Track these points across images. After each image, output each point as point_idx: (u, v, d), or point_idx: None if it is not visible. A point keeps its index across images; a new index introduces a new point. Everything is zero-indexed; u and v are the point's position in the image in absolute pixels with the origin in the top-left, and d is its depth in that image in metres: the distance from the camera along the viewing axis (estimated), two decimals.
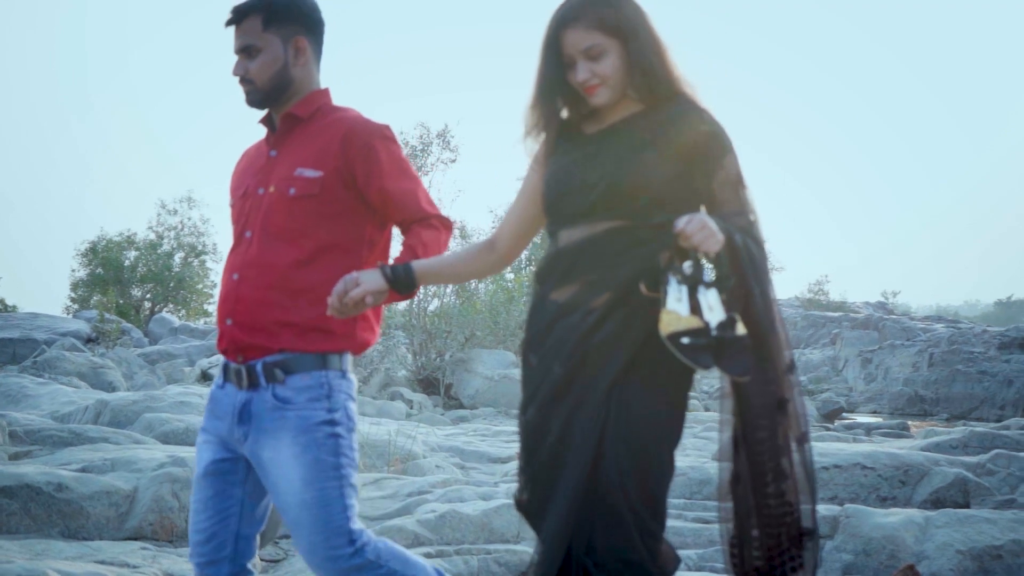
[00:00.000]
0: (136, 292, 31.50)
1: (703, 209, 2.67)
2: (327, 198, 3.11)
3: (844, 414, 22.48)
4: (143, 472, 6.61)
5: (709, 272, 2.48)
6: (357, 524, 3.08)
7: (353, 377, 3.22)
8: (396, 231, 3.30)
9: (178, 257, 32.19)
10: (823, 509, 6.71)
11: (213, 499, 3.19)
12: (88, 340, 23.59)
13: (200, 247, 32.39)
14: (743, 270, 2.57)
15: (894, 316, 37.32)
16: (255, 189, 3.20)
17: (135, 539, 6.17)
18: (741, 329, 2.49)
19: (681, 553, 6.11)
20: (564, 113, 2.85)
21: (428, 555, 5.77)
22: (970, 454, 8.71)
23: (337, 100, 3.34)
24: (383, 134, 3.18)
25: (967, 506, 7.23)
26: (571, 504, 2.58)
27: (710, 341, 2.45)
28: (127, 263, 31.55)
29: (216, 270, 33.10)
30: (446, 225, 3.21)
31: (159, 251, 31.86)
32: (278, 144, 3.22)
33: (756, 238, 2.65)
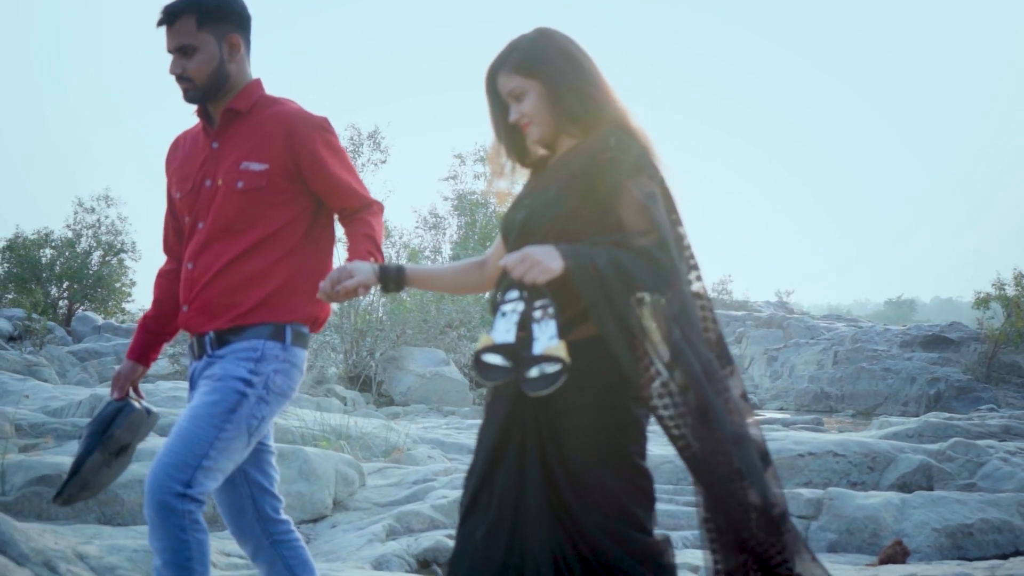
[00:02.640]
0: (54, 290, 31.03)
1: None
2: (273, 189, 3.30)
3: (755, 411, 22.95)
4: None
5: (538, 303, 2.58)
6: (203, 484, 3.13)
7: (300, 351, 3.38)
8: None
9: (96, 255, 31.79)
10: (806, 492, 7.22)
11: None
12: (10, 338, 23.23)
13: (118, 245, 31.98)
14: (609, 293, 2.58)
15: (796, 315, 37.77)
16: (202, 182, 3.37)
17: None
18: (559, 352, 2.53)
19: (676, 535, 6.59)
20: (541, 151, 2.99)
21: (450, 536, 6.14)
22: (925, 442, 9.32)
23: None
24: (323, 127, 3.38)
25: (931, 490, 7.81)
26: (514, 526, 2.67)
27: (508, 361, 2.56)
28: (44, 261, 31.07)
29: (134, 268, 32.82)
30: (381, 209, 3.46)
31: (76, 249, 31.45)
32: (220, 137, 3.38)
33: (652, 257, 2.61)
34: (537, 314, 2.57)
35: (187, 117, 3.47)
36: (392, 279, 2.98)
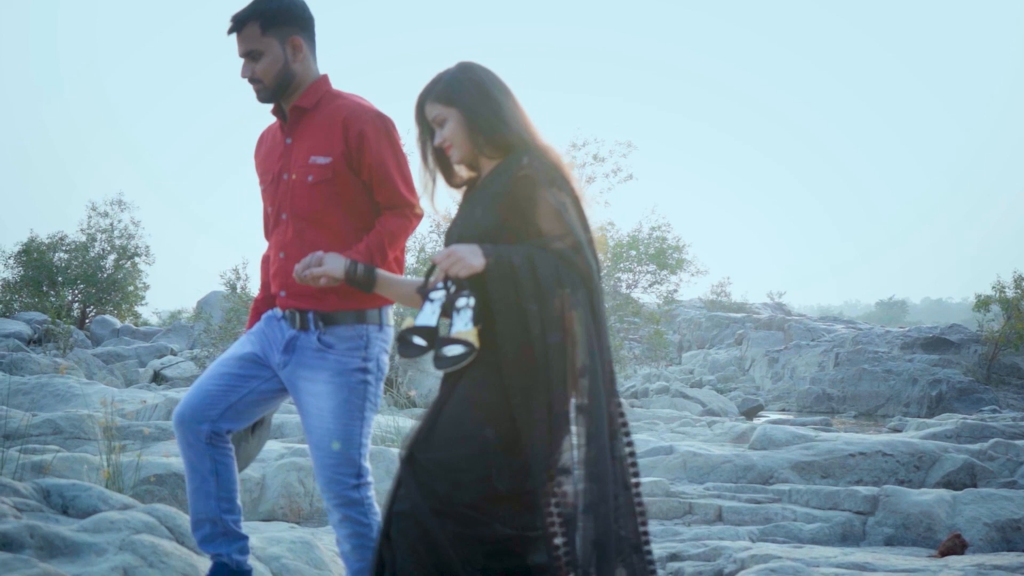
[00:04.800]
0: (68, 294, 31.20)
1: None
2: (340, 181, 3.54)
3: (760, 412, 23.18)
4: (267, 462, 7.28)
5: (457, 294, 2.93)
6: (366, 465, 3.57)
7: (391, 329, 3.67)
8: None
9: (110, 259, 31.96)
10: (862, 490, 7.63)
11: (228, 375, 3.63)
12: (30, 341, 23.45)
13: (132, 249, 32.15)
14: (519, 287, 2.89)
15: (796, 317, 37.98)
16: (280, 175, 3.63)
17: (267, 520, 6.82)
18: (469, 338, 2.87)
19: (741, 529, 6.99)
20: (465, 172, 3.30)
21: None
22: (964, 442, 9.75)
23: None
24: (376, 120, 3.57)
25: (975, 487, 8.22)
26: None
27: (425, 342, 2.92)
28: (60, 264, 31.25)
29: (147, 271, 32.98)
30: (417, 215, 3.62)
31: (90, 253, 31.63)
32: (291, 132, 3.63)
33: (567, 259, 2.94)
34: (460, 303, 2.90)
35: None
36: (360, 281, 3.23)
